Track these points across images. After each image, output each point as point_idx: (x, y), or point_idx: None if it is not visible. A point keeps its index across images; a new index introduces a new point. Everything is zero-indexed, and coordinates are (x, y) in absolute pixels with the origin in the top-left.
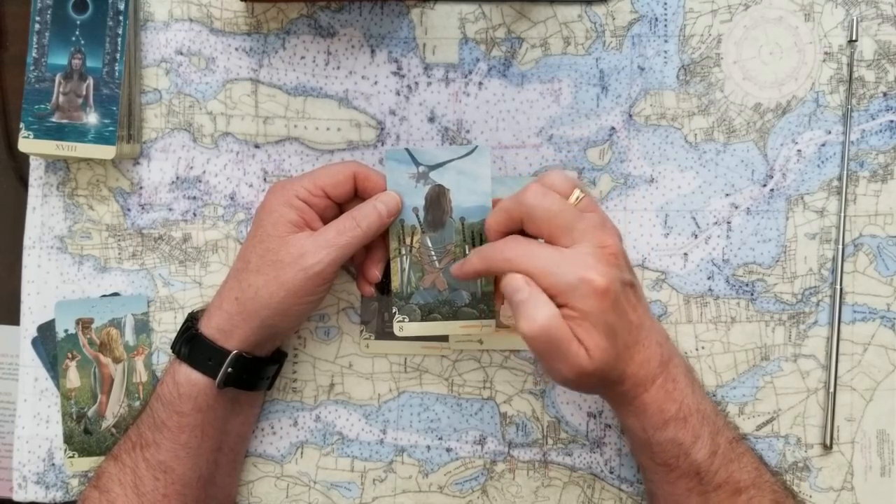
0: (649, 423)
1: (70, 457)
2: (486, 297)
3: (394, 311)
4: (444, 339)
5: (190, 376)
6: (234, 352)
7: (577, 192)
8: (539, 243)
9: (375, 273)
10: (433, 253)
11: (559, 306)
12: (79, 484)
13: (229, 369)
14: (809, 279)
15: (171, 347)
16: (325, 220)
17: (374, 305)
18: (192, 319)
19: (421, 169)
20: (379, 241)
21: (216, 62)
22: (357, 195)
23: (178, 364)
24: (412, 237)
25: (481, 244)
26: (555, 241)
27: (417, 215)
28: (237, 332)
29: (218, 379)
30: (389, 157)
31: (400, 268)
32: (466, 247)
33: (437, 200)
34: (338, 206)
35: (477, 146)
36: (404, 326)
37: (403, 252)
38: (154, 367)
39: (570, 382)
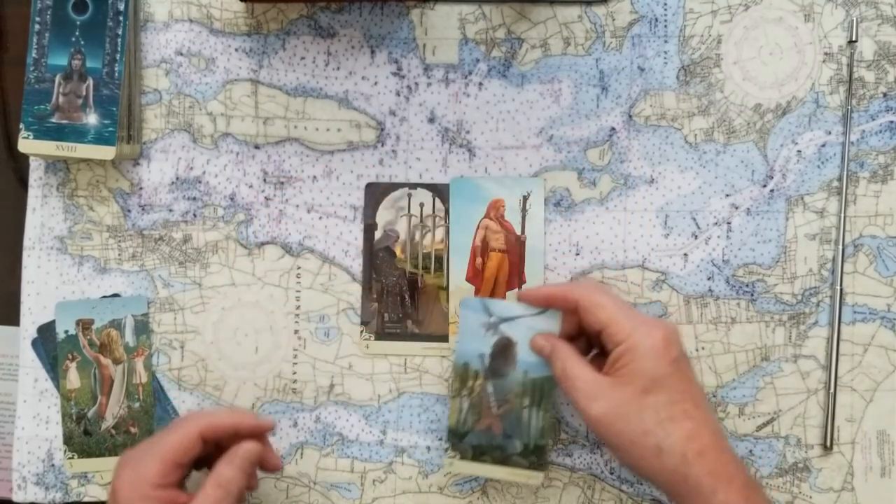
0: None
1: (70, 458)
2: (539, 450)
3: (446, 446)
4: (444, 339)
5: None
6: None
7: None
8: (608, 292)
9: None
10: (493, 399)
11: (616, 346)
12: (78, 485)
13: None
14: (809, 280)
15: None
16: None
17: (374, 306)
18: None
19: (492, 319)
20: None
21: (216, 63)
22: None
23: None
24: (475, 381)
25: (542, 398)
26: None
27: (483, 361)
28: None
29: None
30: (464, 305)
31: (459, 407)
32: (527, 398)
33: (504, 352)
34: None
35: (549, 309)
36: (455, 463)
37: (465, 393)
38: (154, 369)
39: (597, 424)
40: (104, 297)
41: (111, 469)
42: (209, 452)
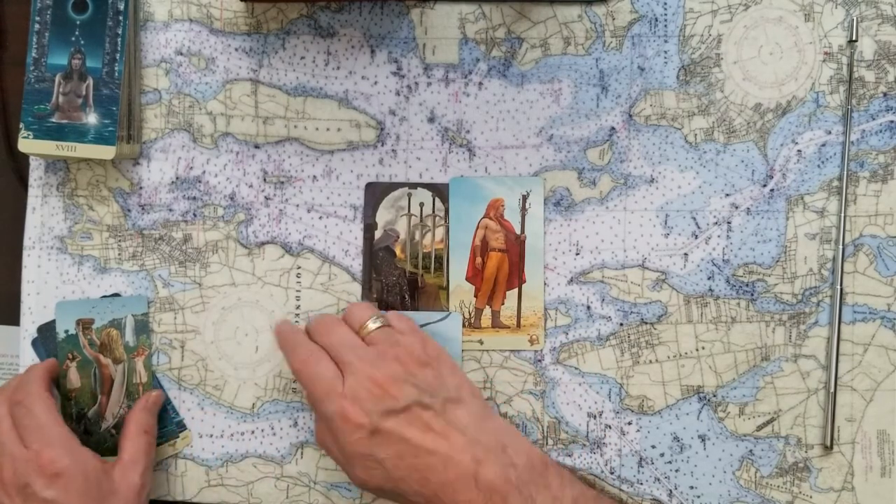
0: None
1: None
2: None
3: None
4: None
5: None
6: None
7: (368, 323)
8: (309, 368)
9: None
10: None
11: None
12: None
13: None
14: (810, 279)
15: None
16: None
17: (374, 305)
18: None
19: None
20: None
21: (216, 62)
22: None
23: None
24: None
25: None
26: (340, 369)
27: None
28: None
29: None
30: None
31: None
32: None
33: None
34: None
35: (451, 313)
36: None
37: None
38: (154, 368)
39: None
40: (104, 296)
41: None
42: None
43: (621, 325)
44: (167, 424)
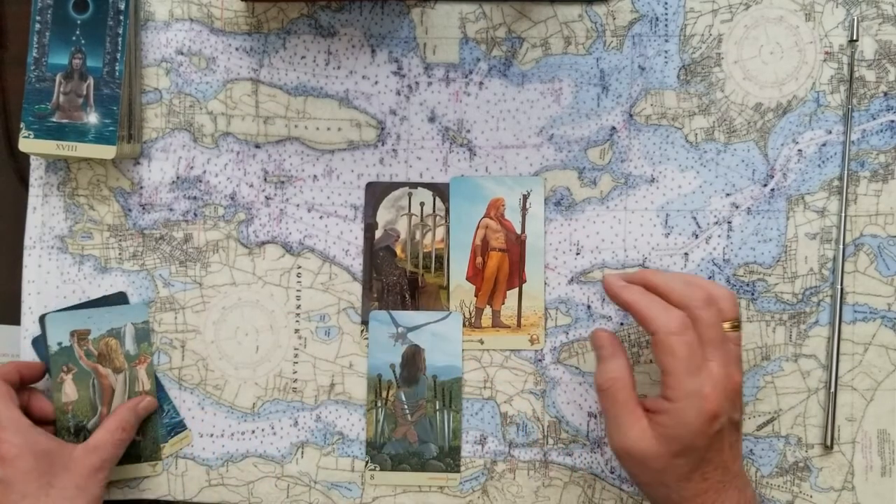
0: None
1: None
2: (453, 452)
3: (366, 459)
4: None
5: None
6: None
7: (731, 324)
8: (686, 335)
9: None
10: (406, 407)
11: (665, 400)
12: None
13: None
14: (810, 279)
15: None
16: None
17: (374, 305)
18: None
19: (400, 329)
20: None
21: (216, 62)
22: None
23: None
24: (388, 391)
25: (451, 400)
26: (699, 343)
27: (394, 371)
28: None
29: None
30: (373, 318)
31: (375, 419)
32: (437, 402)
33: (413, 359)
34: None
35: (451, 312)
36: (375, 475)
37: (379, 404)
38: (154, 369)
39: (617, 455)
40: (99, 301)
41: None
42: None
43: (622, 324)
44: (155, 429)
